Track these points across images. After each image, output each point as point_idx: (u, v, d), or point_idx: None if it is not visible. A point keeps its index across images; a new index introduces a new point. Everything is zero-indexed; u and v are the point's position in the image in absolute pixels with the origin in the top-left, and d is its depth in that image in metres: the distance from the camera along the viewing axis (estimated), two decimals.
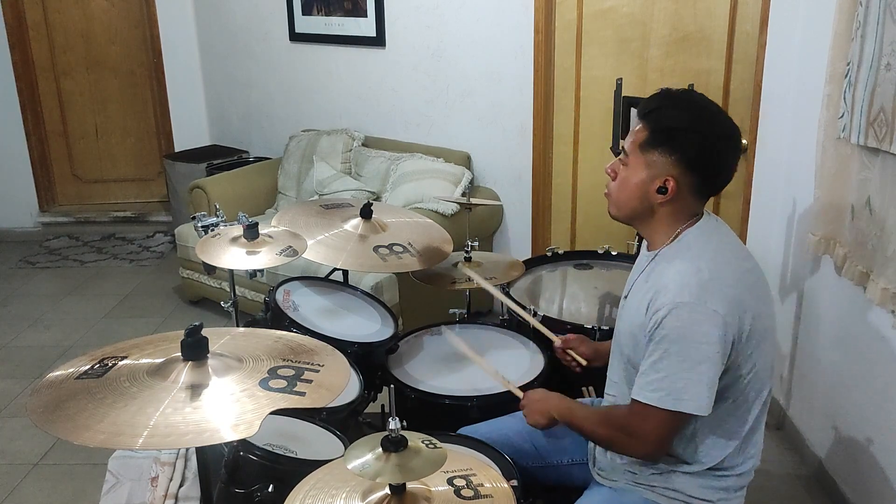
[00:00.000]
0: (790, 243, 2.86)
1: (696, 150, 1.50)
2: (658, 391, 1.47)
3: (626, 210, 1.60)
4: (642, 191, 1.55)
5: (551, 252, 2.79)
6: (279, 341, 1.55)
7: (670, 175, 1.51)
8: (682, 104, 1.53)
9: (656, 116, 1.53)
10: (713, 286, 1.46)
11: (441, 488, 1.37)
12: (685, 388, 1.45)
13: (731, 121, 1.55)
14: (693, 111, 1.52)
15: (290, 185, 4.30)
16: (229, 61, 4.93)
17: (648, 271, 1.59)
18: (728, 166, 1.54)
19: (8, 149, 5.17)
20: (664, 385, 1.46)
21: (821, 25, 2.46)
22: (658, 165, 1.52)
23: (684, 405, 1.45)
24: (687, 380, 1.44)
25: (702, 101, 1.56)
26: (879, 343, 2.21)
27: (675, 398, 1.45)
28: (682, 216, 1.57)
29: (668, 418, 1.48)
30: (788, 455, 2.81)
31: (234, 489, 1.69)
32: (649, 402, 1.47)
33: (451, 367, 2.23)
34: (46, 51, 5.18)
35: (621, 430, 1.55)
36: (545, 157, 3.74)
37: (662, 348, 1.46)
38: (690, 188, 1.53)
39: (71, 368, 1.40)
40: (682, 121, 1.51)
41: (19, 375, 3.49)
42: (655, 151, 1.52)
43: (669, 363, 1.45)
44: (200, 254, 2.15)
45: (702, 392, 1.45)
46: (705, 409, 1.46)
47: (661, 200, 1.54)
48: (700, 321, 1.44)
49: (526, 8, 3.57)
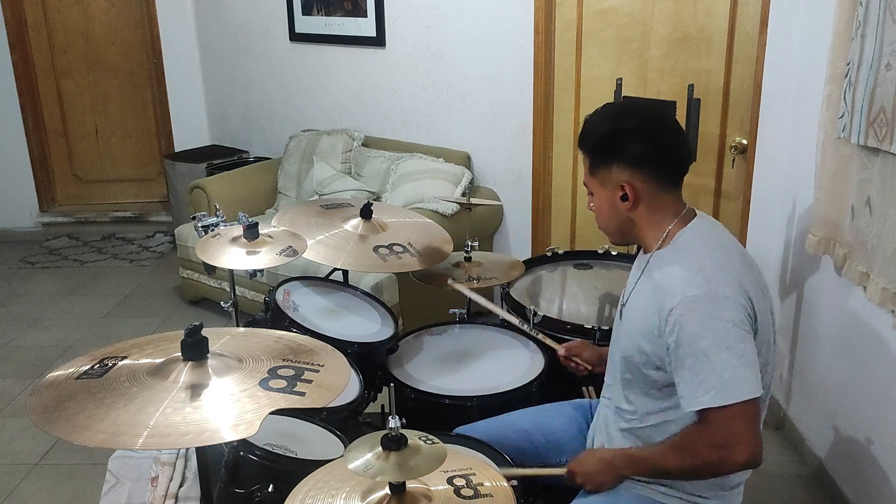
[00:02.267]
0: (790, 243, 2.86)
1: (634, 147, 1.54)
2: (710, 391, 1.42)
3: (613, 231, 1.65)
4: (612, 208, 1.60)
5: (551, 252, 2.79)
6: (279, 341, 1.55)
7: (623, 182, 1.56)
8: (596, 118, 1.61)
9: (585, 140, 1.61)
10: (718, 277, 1.47)
11: (441, 487, 1.37)
12: (734, 378, 1.41)
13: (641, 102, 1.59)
14: (606, 117, 1.59)
15: (290, 185, 4.30)
16: (229, 61, 4.93)
17: (647, 273, 1.60)
18: (669, 142, 1.57)
19: (8, 149, 5.17)
20: (714, 384, 1.42)
21: (821, 25, 2.46)
22: (610, 179, 1.58)
23: (740, 393, 1.41)
24: (730, 368, 1.41)
25: (612, 105, 1.65)
26: (879, 343, 2.21)
27: (729, 390, 1.41)
28: (663, 213, 1.58)
29: (740, 412, 1.42)
30: (788, 455, 2.81)
31: (234, 489, 1.69)
32: (713, 404, 1.42)
33: (451, 367, 2.23)
34: (46, 51, 5.18)
35: (711, 447, 1.45)
36: (545, 157, 3.74)
37: (693, 349, 1.43)
38: (650, 182, 1.56)
39: (71, 368, 1.40)
40: (602, 130, 1.57)
41: (19, 375, 3.50)
42: (600, 170, 1.59)
43: (707, 361, 1.42)
44: (200, 254, 2.15)
45: (749, 374, 1.42)
46: (758, 388, 1.43)
47: (629, 206, 1.57)
48: (716, 309, 1.44)
49: (526, 8, 3.57)
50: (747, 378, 1.42)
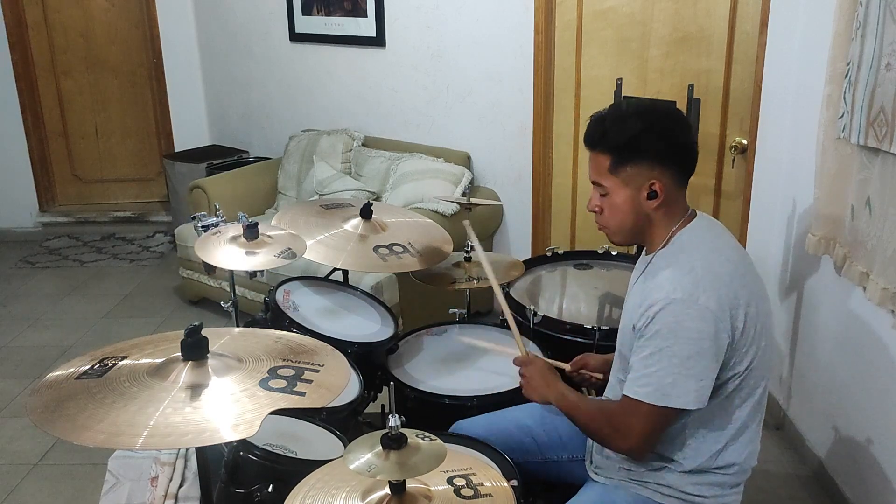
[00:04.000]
0: (790, 243, 2.86)
1: (662, 144, 1.55)
2: (646, 386, 1.49)
3: (626, 230, 1.64)
4: (634, 205, 1.59)
5: (551, 252, 2.79)
6: (279, 341, 1.55)
7: (653, 178, 1.56)
8: (624, 116, 1.59)
9: (610, 138, 1.58)
10: (705, 283, 1.48)
11: (441, 487, 1.37)
12: (673, 384, 1.47)
13: (659, 102, 1.59)
14: (637, 115, 1.58)
15: (290, 185, 4.30)
16: (229, 61, 4.93)
17: (646, 274, 1.62)
18: (688, 142, 1.60)
19: (8, 149, 5.17)
20: (652, 380, 1.48)
21: (821, 25, 2.46)
22: (637, 177, 1.57)
23: (671, 400, 1.47)
24: (676, 375, 1.46)
25: (632, 103, 1.65)
26: (879, 343, 2.21)
27: (662, 393, 1.47)
28: (676, 214, 1.60)
29: (653, 413, 1.49)
30: (788, 455, 2.81)
31: (234, 489, 1.69)
32: (637, 396, 1.50)
33: (451, 367, 2.23)
34: (46, 51, 5.17)
35: (608, 423, 1.58)
36: (545, 157, 3.74)
37: (653, 344, 1.48)
38: (673, 181, 1.57)
39: (71, 368, 1.40)
40: (634, 128, 1.56)
41: (19, 375, 3.49)
42: (626, 167, 1.57)
43: (660, 359, 1.47)
44: (200, 254, 2.15)
45: (689, 387, 1.46)
46: (693, 403, 1.48)
47: (655, 205, 1.57)
48: (691, 317, 1.46)
49: (526, 8, 3.57)
50: (686, 390, 1.47)
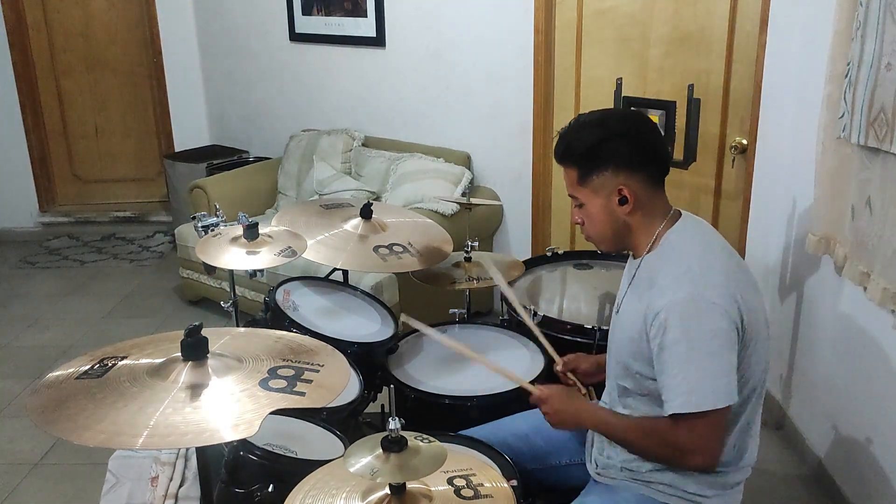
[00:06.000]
0: (790, 243, 2.86)
1: (624, 150, 1.55)
2: (681, 395, 1.45)
3: (607, 238, 1.64)
4: (608, 214, 1.59)
5: (551, 252, 2.79)
6: (279, 341, 1.55)
7: (619, 184, 1.56)
8: (583, 127, 1.60)
9: (573, 150, 1.59)
10: (706, 280, 1.47)
11: (441, 488, 1.37)
12: (706, 386, 1.44)
13: (619, 109, 1.58)
14: (594, 124, 1.59)
15: (290, 185, 4.30)
16: (229, 61, 4.93)
17: (637, 278, 1.61)
18: (653, 142, 1.59)
19: (8, 149, 5.17)
20: (685, 389, 1.45)
21: (821, 25, 2.46)
22: (604, 185, 1.57)
23: (709, 402, 1.44)
24: (704, 376, 1.44)
25: (592, 113, 1.64)
26: (879, 343, 2.21)
27: (699, 398, 1.44)
28: (655, 216, 1.60)
29: (705, 421, 1.46)
30: (788, 455, 2.81)
31: (234, 489, 1.69)
32: (682, 410, 1.46)
33: (451, 367, 2.23)
34: (46, 51, 5.18)
35: (664, 444, 1.52)
36: (545, 157, 3.74)
37: (673, 353, 1.46)
38: (644, 184, 1.57)
39: (71, 368, 1.40)
40: (592, 137, 1.57)
41: (19, 375, 3.49)
42: (593, 177, 1.57)
43: (685, 366, 1.45)
44: (200, 254, 2.15)
45: (719, 383, 1.44)
46: (727, 398, 1.45)
47: (628, 210, 1.57)
48: (701, 315, 1.45)
49: (526, 8, 3.57)
50: (717, 387, 1.45)
